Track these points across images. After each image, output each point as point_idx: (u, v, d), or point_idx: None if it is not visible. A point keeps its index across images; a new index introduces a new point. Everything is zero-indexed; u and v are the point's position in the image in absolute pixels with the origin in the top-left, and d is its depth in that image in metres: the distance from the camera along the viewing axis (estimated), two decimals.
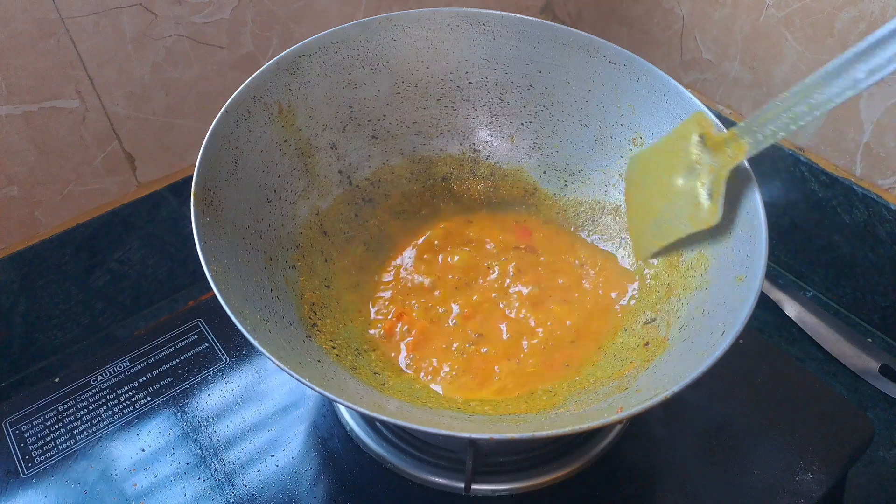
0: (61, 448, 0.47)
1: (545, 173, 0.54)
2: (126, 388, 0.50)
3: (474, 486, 0.44)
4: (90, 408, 0.49)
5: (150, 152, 0.60)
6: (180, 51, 0.57)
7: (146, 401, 0.50)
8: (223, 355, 0.52)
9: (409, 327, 0.47)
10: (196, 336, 0.54)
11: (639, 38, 0.76)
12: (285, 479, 0.45)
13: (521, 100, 0.54)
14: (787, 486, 0.45)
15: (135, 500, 0.44)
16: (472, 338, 0.47)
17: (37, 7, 0.50)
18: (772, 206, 0.66)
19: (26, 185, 0.55)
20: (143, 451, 0.47)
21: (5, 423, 0.49)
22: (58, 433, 0.48)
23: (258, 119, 0.47)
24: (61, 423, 0.48)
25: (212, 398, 0.50)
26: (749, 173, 0.43)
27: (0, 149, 0.53)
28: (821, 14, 0.59)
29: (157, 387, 0.51)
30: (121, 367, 0.52)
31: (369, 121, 0.52)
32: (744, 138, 0.43)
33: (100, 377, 0.51)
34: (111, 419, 0.49)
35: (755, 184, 0.43)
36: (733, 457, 0.47)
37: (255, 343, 0.35)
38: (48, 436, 0.48)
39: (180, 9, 0.55)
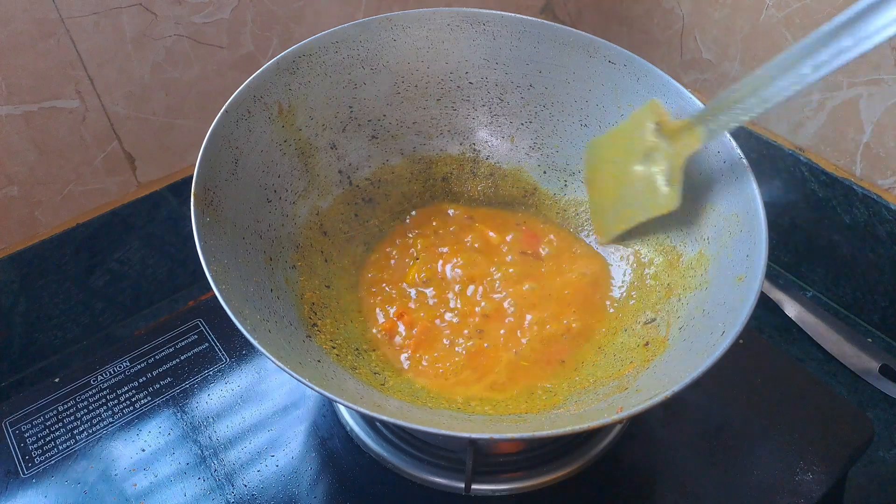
0: (61, 448, 0.47)
1: (545, 173, 0.54)
2: (126, 388, 0.50)
3: (474, 486, 0.44)
4: (90, 408, 0.49)
5: (150, 152, 0.60)
6: (180, 51, 0.57)
7: (146, 401, 0.50)
8: (223, 355, 0.52)
9: (409, 327, 0.47)
10: (196, 336, 0.54)
11: (639, 38, 0.76)
12: (285, 479, 0.45)
13: (521, 100, 0.54)
14: (787, 486, 0.45)
15: (135, 500, 0.44)
16: (473, 335, 0.47)
17: (37, 7, 0.50)
18: (772, 206, 0.66)
19: (26, 185, 0.55)
20: (143, 451, 0.47)
21: (5, 423, 0.49)
22: (58, 433, 0.48)
23: (258, 119, 0.47)
24: (61, 423, 0.48)
25: (212, 398, 0.50)
26: (749, 173, 0.43)
27: (0, 149, 0.53)
28: (821, 14, 0.59)
29: (157, 387, 0.51)
30: (121, 367, 0.52)
31: (369, 121, 0.52)
32: (698, 127, 0.44)
33: (100, 377, 0.51)
34: (111, 419, 0.49)
35: (755, 184, 0.43)
36: (733, 457, 0.47)
37: (255, 343, 0.35)
38: (48, 436, 0.48)
39: (180, 9, 0.55)
